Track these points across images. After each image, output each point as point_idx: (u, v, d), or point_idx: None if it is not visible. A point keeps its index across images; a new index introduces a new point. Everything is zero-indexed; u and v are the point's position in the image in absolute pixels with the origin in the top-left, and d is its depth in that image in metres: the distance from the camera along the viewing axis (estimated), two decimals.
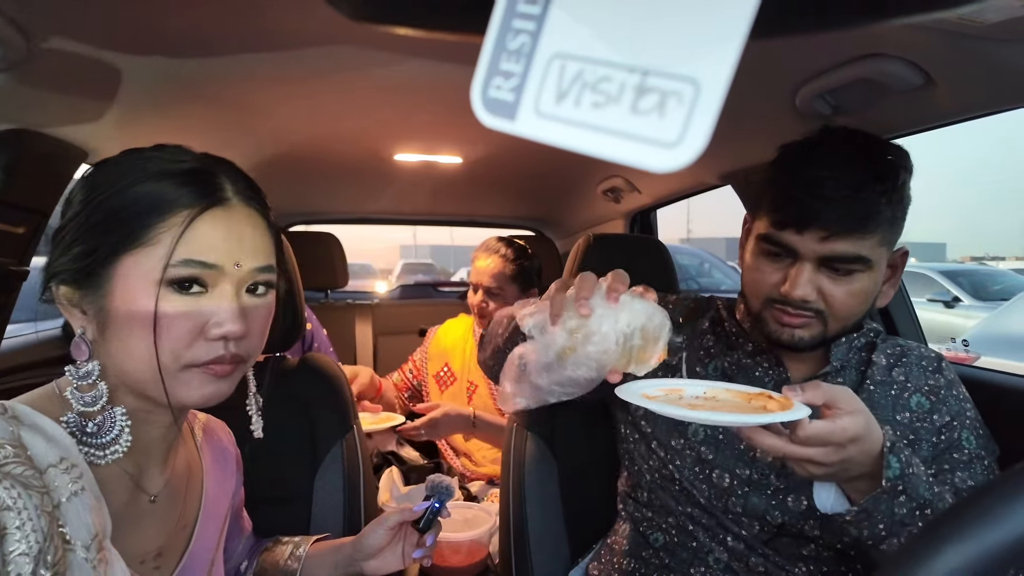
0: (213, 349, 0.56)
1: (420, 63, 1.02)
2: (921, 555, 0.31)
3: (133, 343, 0.54)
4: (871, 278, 0.77)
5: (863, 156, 0.76)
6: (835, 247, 0.75)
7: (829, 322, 0.79)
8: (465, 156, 1.70)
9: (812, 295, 0.77)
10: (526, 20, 0.23)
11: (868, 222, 0.74)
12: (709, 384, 0.75)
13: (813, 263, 0.77)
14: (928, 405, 0.81)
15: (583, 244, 1.18)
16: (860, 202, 0.74)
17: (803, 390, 0.65)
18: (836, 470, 0.65)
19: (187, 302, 0.55)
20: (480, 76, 0.24)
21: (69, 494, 0.45)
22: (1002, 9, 0.63)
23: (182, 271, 0.54)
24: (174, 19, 0.84)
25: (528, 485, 1.10)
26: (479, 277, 1.65)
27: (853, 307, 0.78)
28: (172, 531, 0.63)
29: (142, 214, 0.54)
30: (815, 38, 0.82)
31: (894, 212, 0.76)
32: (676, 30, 0.21)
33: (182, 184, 0.56)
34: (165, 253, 0.54)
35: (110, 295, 0.54)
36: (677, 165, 0.22)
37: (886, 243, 0.77)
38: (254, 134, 1.42)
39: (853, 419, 0.63)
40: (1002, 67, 0.76)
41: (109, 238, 0.54)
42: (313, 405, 1.09)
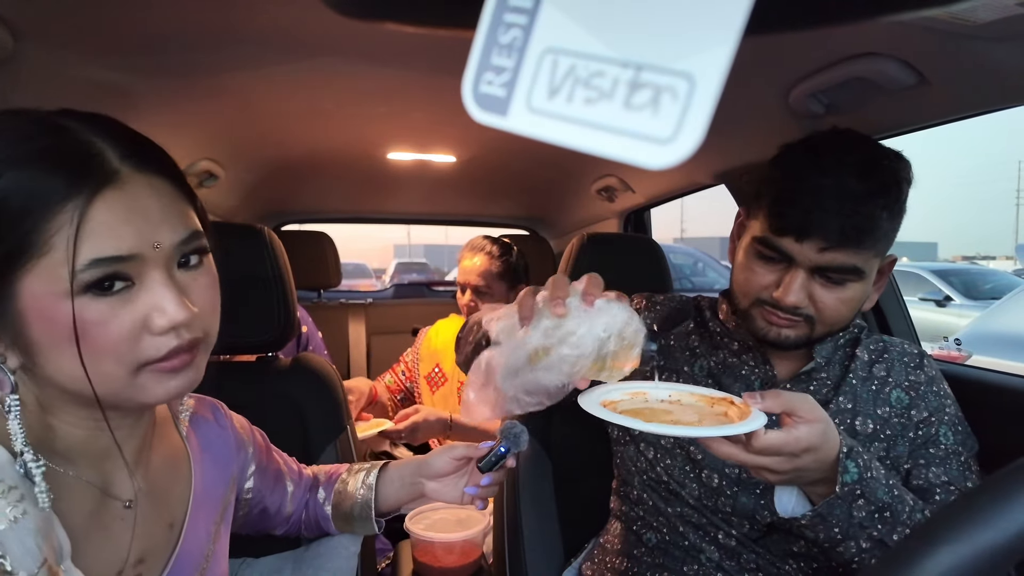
0: (164, 343, 0.50)
1: (413, 60, 1.01)
2: (914, 556, 0.31)
3: (67, 363, 0.47)
4: (862, 287, 0.78)
5: (869, 166, 0.75)
6: (833, 258, 0.75)
7: (816, 326, 0.80)
8: (459, 155, 1.70)
9: (804, 302, 0.78)
10: (518, 14, 0.23)
11: (868, 236, 0.74)
12: (674, 387, 0.77)
13: (808, 271, 0.77)
14: (907, 400, 0.83)
15: (577, 243, 1.18)
16: (862, 216, 0.74)
17: (763, 398, 0.66)
18: (791, 477, 0.66)
19: (114, 302, 0.48)
20: (471, 71, 0.24)
21: (8, 521, 0.43)
22: (994, 8, 0.63)
23: (95, 273, 0.46)
24: (165, 17, 0.83)
25: (522, 484, 1.10)
26: (466, 276, 1.65)
27: (842, 313, 0.79)
28: (155, 533, 0.60)
29: (15, 221, 0.44)
30: (809, 37, 0.82)
31: (892, 225, 0.77)
32: (670, 24, 0.21)
33: (52, 168, 0.45)
34: (64, 259, 0.45)
35: (22, 321, 0.46)
36: (671, 161, 0.22)
37: (881, 254, 0.78)
38: (246, 132, 1.41)
39: (810, 428, 0.64)
40: (994, 66, 0.76)
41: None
42: (306, 406, 1.09)
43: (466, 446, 0.84)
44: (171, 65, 0.99)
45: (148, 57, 0.94)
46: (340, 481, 0.89)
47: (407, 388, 1.81)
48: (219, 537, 0.69)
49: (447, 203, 2.46)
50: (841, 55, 0.85)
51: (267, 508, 0.84)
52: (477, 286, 1.62)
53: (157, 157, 0.52)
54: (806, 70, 0.92)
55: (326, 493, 0.88)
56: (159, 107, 1.15)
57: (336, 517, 0.88)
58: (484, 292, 1.62)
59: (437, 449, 0.86)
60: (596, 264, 1.17)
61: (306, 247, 2.24)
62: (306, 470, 0.91)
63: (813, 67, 0.91)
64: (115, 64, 0.94)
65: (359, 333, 2.41)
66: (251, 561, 0.89)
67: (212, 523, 0.67)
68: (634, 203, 1.94)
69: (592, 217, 2.23)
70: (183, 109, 1.19)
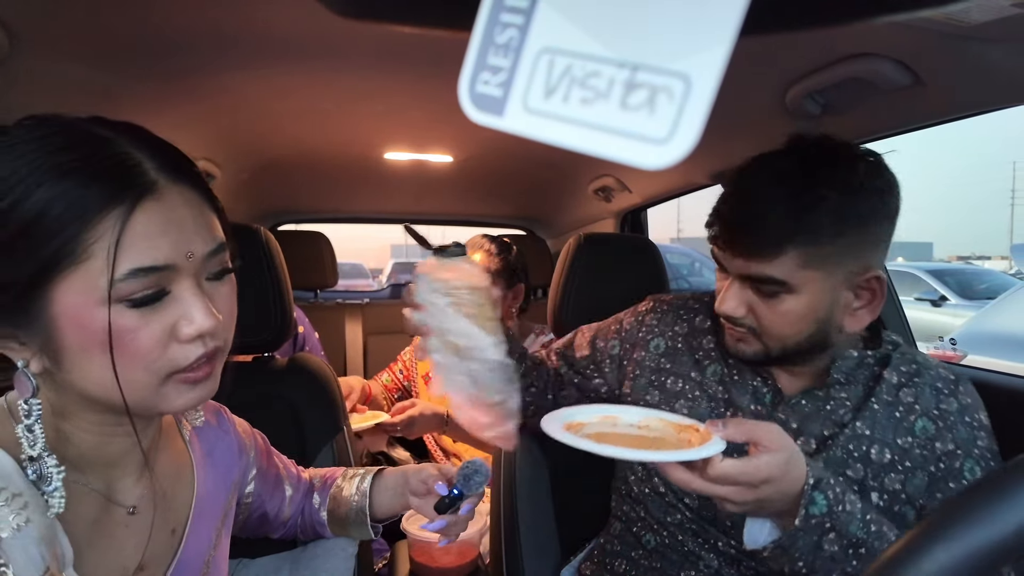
0: (191, 351, 0.51)
1: (409, 60, 1.01)
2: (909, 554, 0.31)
3: (96, 370, 0.47)
4: (800, 301, 0.73)
5: (803, 171, 0.71)
6: (751, 268, 0.74)
7: (765, 340, 0.78)
8: (456, 155, 1.69)
9: (738, 311, 0.77)
10: (514, 14, 0.23)
11: (777, 244, 0.71)
12: (645, 412, 0.77)
13: (739, 280, 0.77)
14: (933, 431, 0.76)
15: (574, 243, 1.18)
16: (771, 224, 0.71)
17: (724, 425, 0.66)
18: (753, 507, 0.65)
19: (146, 311, 0.48)
20: (467, 71, 0.24)
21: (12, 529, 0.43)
22: (988, 9, 0.64)
23: (132, 284, 0.46)
24: (161, 17, 0.83)
25: (519, 485, 1.10)
26: None
27: (783, 328, 0.75)
28: (158, 539, 0.60)
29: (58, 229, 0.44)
30: (805, 37, 0.82)
31: (824, 234, 0.70)
32: (666, 24, 0.21)
33: (95, 177, 0.46)
34: (103, 267, 0.45)
35: (53, 327, 0.46)
36: (667, 162, 0.22)
37: (816, 267, 0.71)
38: (242, 132, 1.41)
39: (771, 458, 0.63)
40: (989, 67, 0.76)
41: (26, 265, 0.44)
42: (302, 406, 1.08)
43: (434, 471, 0.84)
44: (168, 65, 0.99)
45: (145, 57, 0.94)
46: (335, 487, 0.89)
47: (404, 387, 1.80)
48: (220, 543, 0.68)
49: (444, 203, 2.46)
50: (837, 56, 0.86)
51: (267, 512, 0.84)
52: None
53: (188, 167, 0.53)
54: (802, 70, 0.92)
55: (321, 499, 0.88)
56: (155, 107, 1.15)
57: (332, 523, 0.88)
58: None
59: (414, 468, 0.86)
60: (593, 264, 1.18)
61: (303, 247, 2.23)
62: (304, 473, 0.91)
63: (809, 67, 0.91)
64: (112, 64, 0.94)
65: (356, 333, 2.41)
66: (247, 562, 0.89)
67: (214, 529, 0.67)
68: (631, 203, 1.94)
69: (589, 217, 2.23)
70: (179, 109, 1.19)
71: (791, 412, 0.81)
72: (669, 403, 0.89)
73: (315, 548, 0.91)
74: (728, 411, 0.85)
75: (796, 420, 0.81)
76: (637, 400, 0.92)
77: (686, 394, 0.89)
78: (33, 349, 0.48)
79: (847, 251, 0.72)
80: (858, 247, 0.72)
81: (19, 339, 0.48)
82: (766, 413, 0.83)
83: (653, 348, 0.95)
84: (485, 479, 0.81)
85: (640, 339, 0.96)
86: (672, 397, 0.89)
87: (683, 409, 0.87)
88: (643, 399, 0.91)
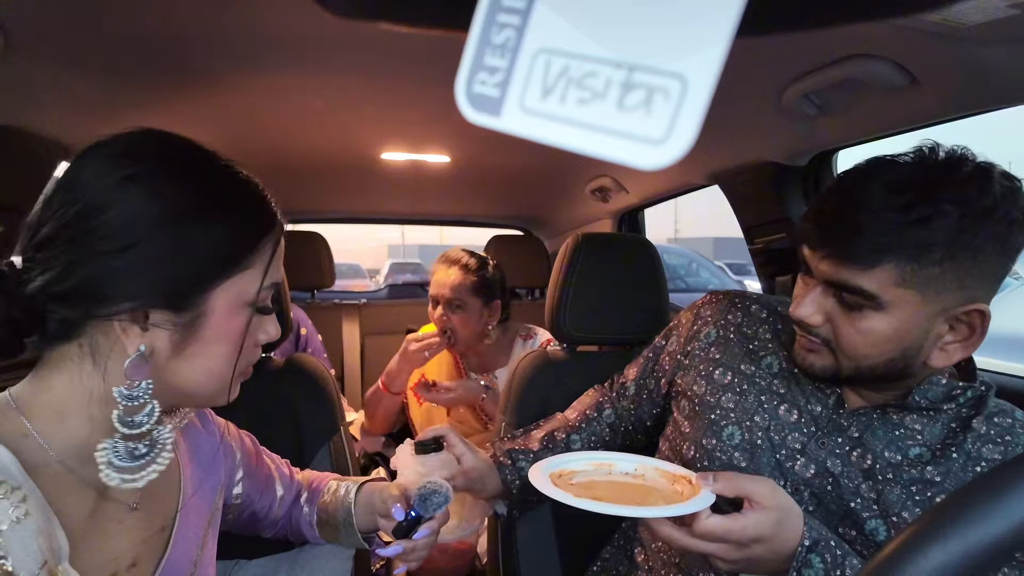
0: (258, 353, 0.64)
1: (406, 61, 1.01)
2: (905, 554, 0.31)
3: (215, 361, 0.57)
4: (887, 321, 0.65)
5: (926, 180, 0.63)
6: (840, 274, 0.66)
7: (839, 357, 0.70)
8: (453, 155, 1.69)
9: (815, 319, 0.70)
10: (511, 14, 0.23)
11: (877, 253, 0.63)
12: (640, 460, 0.77)
13: (823, 286, 0.70)
14: None
15: (572, 244, 1.18)
16: (874, 230, 0.63)
17: (714, 479, 0.64)
18: (742, 566, 0.63)
19: (260, 318, 0.61)
20: (464, 71, 0.24)
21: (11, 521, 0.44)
22: (984, 11, 0.64)
23: (267, 293, 0.59)
24: (157, 16, 0.83)
25: None
26: (438, 289, 1.56)
27: (861, 347, 0.68)
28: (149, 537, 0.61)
29: (242, 243, 0.56)
30: (801, 38, 0.83)
31: (932, 253, 0.62)
32: (663, 25, 0.21)
33: (262, 210, 0.59)
34: (257, 277, 0.58)
35: (203, 318, 0.55)
36: (664, 162, 0.22)
37: (914, 287, 0.63)
38: (238, 131, 1.41)
39: (760, 517, 0.61)
40: (985, 68, 0.76)
41: (208, 265, 0.54)
42: (299, 407, 1.08)
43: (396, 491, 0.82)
44: (164, 66, 0.99)
45: (139, 58, 0.94)
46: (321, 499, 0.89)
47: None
48: (207, 544, 0.69)
49: (441, 203, 2.46)
50: (833, 56, 0.86)
51: (256, 512, 0.84)
52: (450, 299, 1.54)
53: None
54: (798, 71, 0.93)
55: (309, 508, 0.89)
56: (151, 107, 1.14)
57: (324, 532, 0.88)
58: (458, 306, 1.55)
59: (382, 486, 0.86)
60: (591, 264, 1.18)
61: (300, 247, 2.23)
62: (296, 475, 0.91)
63: (805, 68, 0.91)
64: (109, 65, 0.94)
65: (353, 334, 2.41)
66: (244, 563, 0.89)
67: (200, 530, 0.68)
68: (628, 203, 1.95)
69: (586, 217, 2.23)
70: (174, 109, 1.19)
71: (854, 421, 0.75)
72: (715, 395, 0.85)
73: (313, 549, 0.91)
74: (783, 407, 0.79)
75: (858, 430, 0.74)
76: (686, 390, 0.89)
77: (734, 387, 0.84)
78: (161, 335, 0.54)
79: (954, 278, 0.63)
80: (967, 277, 0.63)
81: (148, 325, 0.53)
82: (825, 417, 0.77)
83: (704, 337, 0.91)
84: (445, 500, 0.77)
85: (695, 332, 0.93)
86: (719, 389, 0.85)
87: (728, 403, 0.83)
88: (690, 389, 0.88)
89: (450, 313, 1.56)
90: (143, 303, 0.52)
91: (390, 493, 0.82)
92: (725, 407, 0.83)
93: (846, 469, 0.73)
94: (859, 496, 0.71)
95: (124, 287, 0.51)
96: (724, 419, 0.82)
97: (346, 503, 0.86)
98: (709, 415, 0.84)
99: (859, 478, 0.72)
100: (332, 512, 0.87)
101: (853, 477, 0.72)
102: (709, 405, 0.85)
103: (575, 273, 1.16)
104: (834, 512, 0.73)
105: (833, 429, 0.75)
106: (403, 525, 0.76)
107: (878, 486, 0.70)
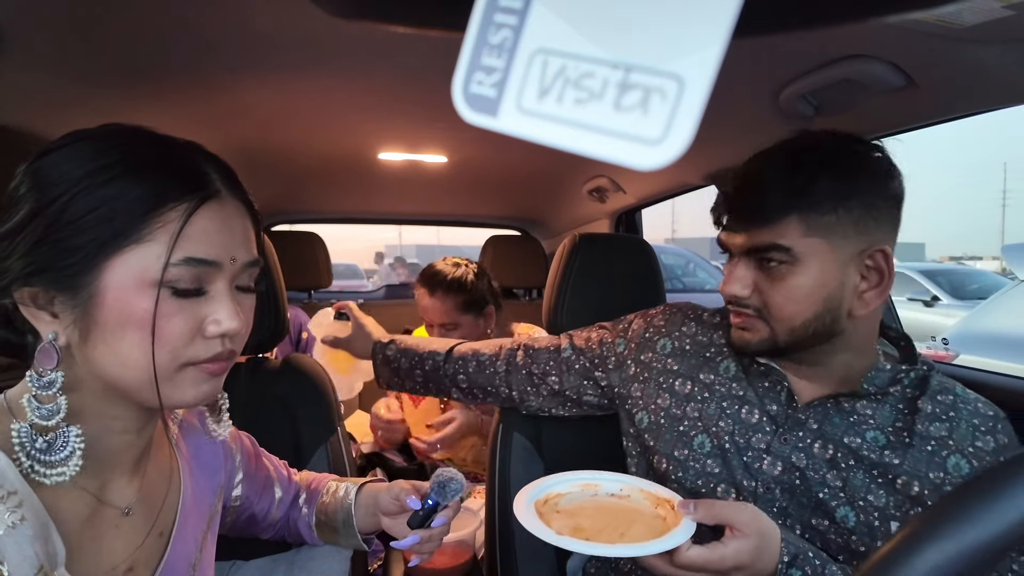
0: (211, 347, 0.54)
1: (403, 61, 1.01)
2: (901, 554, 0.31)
3: (126, 348, 0.50)
4: (805, 275, 0.72)
5: (799, 157, 0.74)
6: (755, 238, 0.74)
7: (773, 324, 0.75)
8: (450, 155, 1.69)
9: (744, 292, 0.76)
10: (508, 15, 0.23)
11: (781, 209, 0.72)
12: (625, 480, 0.79)
13: (745, 258, 0.76)
14: (967, 469, 0.72)
15: (569, 244, 1.18)
16: (773, 192, 0.73)
17: (695, 508, 0.66)
18: None
19: (184, 303, 0.52)
20: (461, 71, 0.24)
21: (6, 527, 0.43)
22: (979, 12, 0.64)
23: (183, 271, 0.51)
24: (153, 13, 0.82)
25: (514, 484, 1.09)
26: (429, 316, 1.54)
27: (788, 305, 0.73)
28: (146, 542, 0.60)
29: (132, 209, 0.49)
30: (797, 39, 0.83)
31: (824, 204, 0.71)
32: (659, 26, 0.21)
33: (172, 175, 0.52)
34: (162, 251, 0.50)
35: (97, 298, 0.49)
36: (660, 162, 0.22)
37: (819, 235, 0.71)
38: (235, 131, 1.41)
39: (740, 545, 0.63)
40: (980, 69, 0.77)
41: (93, 236, 0.49)
42: (297, 407, 1.08)
43: (407, 486, 0.82)
44: (159, 65, 0.99)
45: (136, 57, 0.94)
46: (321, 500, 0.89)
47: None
48: (206, 546, 0.68)
49: (438, 203, 2.46)
50: (830, 57, 0.86)
51: (255, 514, 0.84)
52: (444, 323, 1.53)
53: (243, 187, 0.59)
54: (795, 72, 0.93)
55: (308, 509, 0.88)
56: (147, 105, 1.14)
57: (322, 533, 0.88)
58: (453, 328, 1.54)
59: (385, 486, 0.85)
60: (588, 264, 1.18)
61: (297, 248, 2.23)
62: (294, 476, 0.90)
63: (802, 69, 0.91)
64: (104, 65, 0.93)
65: None
66: (241, 563, 0.88)
67: (200, 532, 0.67)
68: (625, 204, 1.95)
69: (584, 217, 2.23)
70: (172, 107, 1.18)
71: (811, 413, 0.78)
72: (680, 406, 0.87)
73: (310, 550, 0.91)
74: (744, 409, 0.82)
75: (816, 421, 0.77)
76: (648, 404, 0.91)
77: (695, 397, 0.87)
78: (64, 321, 0.50)
79: (850, 224, 0.71)
80: (862, 222, 0.71)
81: (54, 311, 0.51)
82: (782, 414, 0.79)
83: (660, 348, 0.93)
84: (461, 487, 0.79)
85: (647, 340, 0.95)
86: (682, 400, 0.87)
87: (693, 412, 0.86)
88: (654, 403, 0.90)
89: (446, 333, 1.55)
90: (32, 282, 0.49)
91: (401, 488, 0.82)
92: (691, 416, 0.86)
93: (811, 461, 0.76)
94: (826, 486, 0.74)
95: (11, 265, 0.49)
96: (692, 428, 0.85)
97: (346, 504, 0.86)
98: (677, 427, 0.86)
99: (824, 468, 0.75)
100: (331, 513, 0.87)
101: (818, 468, 0.75)
102: (676, 417, 0.87)
103: (572, 273, 1.16)
104: (805, 505, 0.76)
105: (793, 424, 0.79)
106: (420, 514, 0.77)
107: (843, 473, 0.74)
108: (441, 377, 1.08)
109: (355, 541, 0.86)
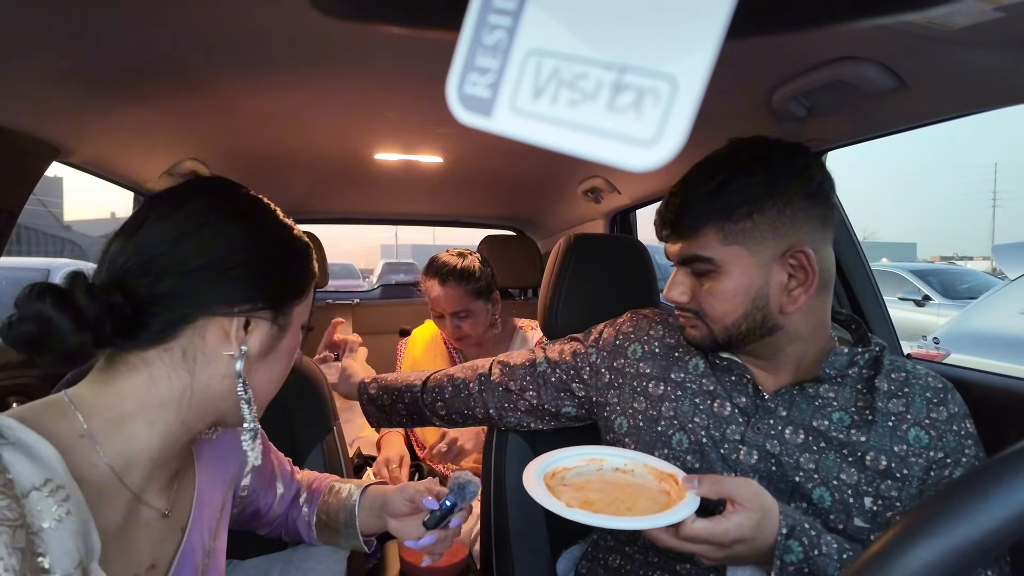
0: None
1: (398, 61, 1.01)
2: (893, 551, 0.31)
3: (279, 371, 0.64)
4: (729, 279, 0.77)
5: (717, 163, 0.79)
6: (683, 251, 0.80)
7: (709, 324, 0.81)
8: (445, 156, 1.69)
9: (682, 297, 0.82)
10: (502, 16, 0.23)
11: (697, 222, 0.77)
12: (630, 455, 0.81)
13: (680, 267, 0.82)
14: (927, 440, 0.76)
15: (564, 244, 1.18)
16: (691, 204, 0.78)
17: (699, 483, 0.68)
18: (727, 562, 0.68)
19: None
20: (456, 72, 0.24)
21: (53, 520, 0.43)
22: (970, 14, 0.65)
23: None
24: (150, 16, 0.82)
25: (509, 484, 1.10)
26: (440, 306, 1.58)
27: (717, 307, 0.79)
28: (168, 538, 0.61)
29: (307, 269, 0.65)
30: (790, 40, 0.83)
31: (737, 211, 0.75)
32: (652, 28, 0.21)
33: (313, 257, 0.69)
34: (309, 304, 0.67)
35: (288, 329, 0.63)
36: (654, 163, 0.22)
37: (736, 242, 0.76)
38: (231, 133, 1.40)
39: (742, 519, 0.65)
40: (971, 70, 0.77)
41: (294, 283, 0.63)
42: (292, 407, 1.08)
43: (421, 487, 0.84)
44: (155, 66, 0.98)
45: (132, 58, 0.93)
46: (322, 501, 0.89)
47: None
48: (219, 534, 0.70)
49: (434, 204, 2.46)
50: (822, 59, 0.87)
51: (259, 508, 0.84)
52: (456, 312, 1.56)
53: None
54: (788, 73, 0.93)
55: (308, 508, 0.89)
56: (145, 104, 1.14)
57: (322, 534, 0.88)
58: (465, 316, 1.57)
59: (395, 488, 0.86)
60: (583, 264, 1.18)
61: None
62: (297, 474, 0.91)
63: (795, 70, 0.92)
64: (101, 65, 0.93)
65: (346, 334, 2.40)
66: (237, 563, 0.88)
67: (213, 519, 0.68)
68: (620, 204, 1.95)
69: (578, 218, 2.23)
70: (169, 108, 1.18)
71: (779, 401, 0.82)
72: (656, 407, 0.89)
73: (307, 549, 0.90)
74: (715, 403, 0.85)
75: (785, 408, 0.81)
76: (626, 408, 0.93)
77: (668, 396, 0.89)
78: (258, 341, 0.60)
79: (767, 228, 0.75)
80: (778, 224, 0.75)
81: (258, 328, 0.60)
82: (751, 404, 0.83)
83: (631, 353, 0.96)
84: (478, 489, 0.82)
85: (618, 347, 0.98)
86: (657, 401, 0.90)
87: (669, 411, 0.88)
88: (631, 407, 0.92)
89: (459, 322, 1.57)
90: (256, 305, 0.59)
91: (416, 490, 0.83)
92: (667, 416, 0.88)
93: (784, 447, 0.79)
94: (800, 469, 0.78)
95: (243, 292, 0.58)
96: (670, 428, 0.87)
97: (349, 504, 0.86)
98: (655, 428, 0.89)
99: (797, 452, 0.79)
100: (333, 513, 0.87)
101: (792, 453, 0.79)
102: (652, 418, 0.89)
103: (567, 273, 1.17)
104: (783, 491, 0.78)
105: (764, 414, 0.82)
106: (436, 515, 0.80)
107: (815, 456, 0.78)
108: (421, 408, 1.10)
109: (356, 542, 0.86)
